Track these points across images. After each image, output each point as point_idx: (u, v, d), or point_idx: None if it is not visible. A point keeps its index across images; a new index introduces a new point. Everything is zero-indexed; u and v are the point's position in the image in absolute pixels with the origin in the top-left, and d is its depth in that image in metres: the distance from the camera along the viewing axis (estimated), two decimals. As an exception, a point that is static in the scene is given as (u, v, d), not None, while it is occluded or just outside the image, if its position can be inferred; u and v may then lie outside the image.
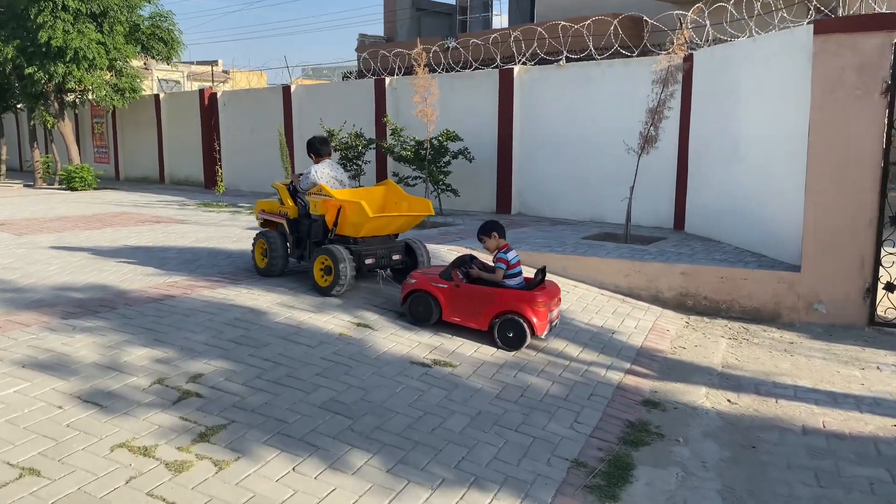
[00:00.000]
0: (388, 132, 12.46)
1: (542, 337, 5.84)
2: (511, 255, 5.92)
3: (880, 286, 7.14)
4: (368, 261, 6.51)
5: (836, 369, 6.09)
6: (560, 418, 4.70)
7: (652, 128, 9.20)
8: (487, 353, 5.65)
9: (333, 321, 5.86)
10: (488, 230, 6.02)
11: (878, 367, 6.14)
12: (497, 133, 12.19)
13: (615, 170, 10.92)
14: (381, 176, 13.53)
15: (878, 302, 7.14)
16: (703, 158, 9.92)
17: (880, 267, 7.10)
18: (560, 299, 6.12)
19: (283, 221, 7.00)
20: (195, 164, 18.72)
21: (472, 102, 12.54)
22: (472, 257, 6.25)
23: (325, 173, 6.84)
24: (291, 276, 7.02)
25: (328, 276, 6.37)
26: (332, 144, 12.07)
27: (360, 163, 12.46)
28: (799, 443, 4.68)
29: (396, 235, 7.01)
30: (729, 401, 5.36)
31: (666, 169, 10.56)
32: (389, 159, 13.43)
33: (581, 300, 7.52)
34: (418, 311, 6.03)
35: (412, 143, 11.79)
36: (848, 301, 7.24)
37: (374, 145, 12.69)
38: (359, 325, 5.87)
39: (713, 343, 6.79)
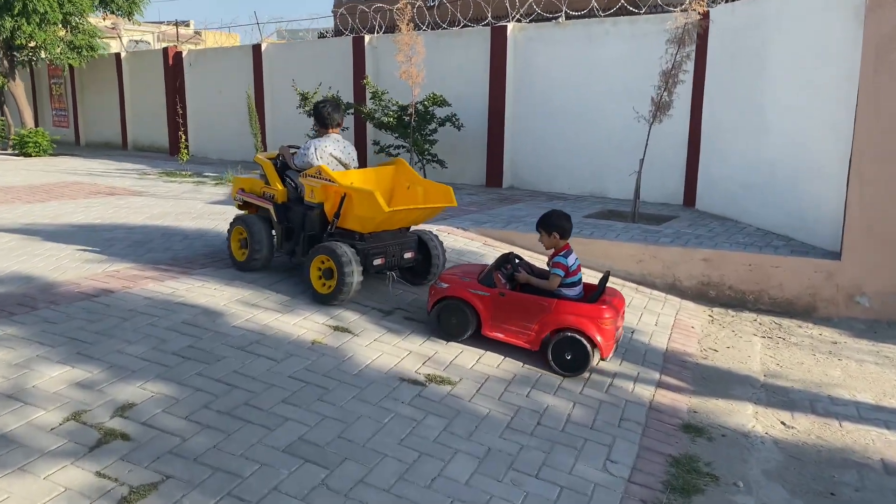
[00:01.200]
0: (368, 96, 11.33)
1: (607, 360, 4.84)
2: (572, 260, 4.84)
3: (933, 277, 6.25)
4: (377, 261, 5.26)
5: (893, 378, 5.21)
6: (589, 455, 3.75)
7: (665, 93, 8.20)
8: (492, 363, 4.68)
9: (305, 324, 4.84)
10: (549, 226, 4.85)
11: (943, 376, 5.28)
12: (488, 98, 11.10)
13: (620, 139, 9.92)
14: (360, 146, 12.39)
15: (930, 295, 6.26)
16: (720, 129, 8.93)
17: (935, 255, 6.20)
18: (624, 311, 5.06)
19: (270, 206, 5.67)
20: (160, 130, 17.40)
21: (460, 64, 11.41)
22: (517, 257, 5.18)
23: (326, 152, 5.54)
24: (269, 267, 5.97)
25: (328, 280, 5.11)
26: (306, 109, 10.91)
27: (337, 130, 11.32)
28: (885, 485, 3.78)
29: (408, 228, 5.71)
30: (784, 423, 4.46)
31: (676, 139, 9.57)
32: (369, 126, 12.29)
33: (592, 291, 6.55)
34: (450, 324, 4.92)
35: (395, 108, 10.68)
36: (888, 295, 6.35)
37: (352, 110, 11.54)
38: (336, 328, 4.85)
39: (747, 343, 5.88)
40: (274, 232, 5.69)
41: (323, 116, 5.62)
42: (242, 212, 6.05)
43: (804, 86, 7.26)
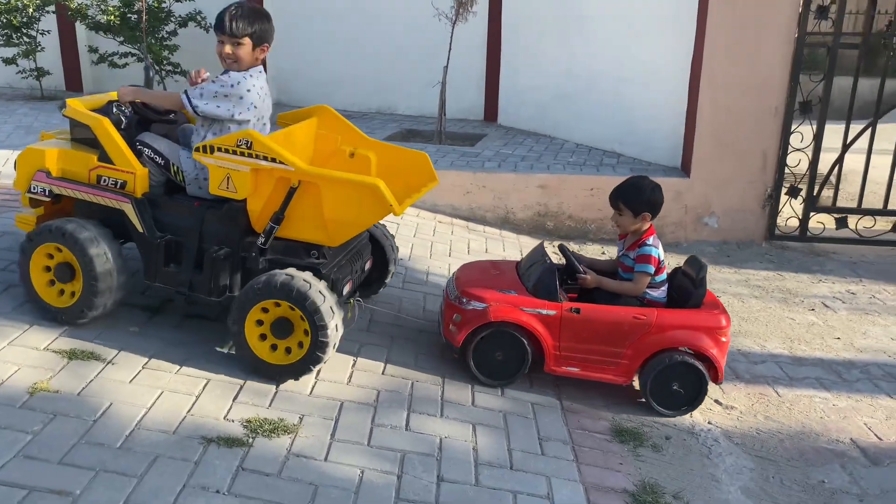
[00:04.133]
0: (75, -13, 8.48)
1: (719, 386, 3.49)
2: (661, 249, 3.36)
3: (784, 192, 5.74)
4: (345, 288, 3.20)
5: (784, 314, 4.55)
6: (530, 523, 2.43)
7: (470, -14, 6.82)
8: (338, 377, 3.11)
9: (15, 353, 2.85)
10: (639, 201, 3.32)
11: (825, 305, 4.73)
12: (240, -7, 8.86)
13: (409, 44, 8.38)
14: (69, 56, 9.47)
15: (779, 210, 5.76)
16: (525, 30, 7.76)
17: (785, 168, 5.67)
18: None
19: (123, 204, 3.10)
20: None
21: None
22: (564, 249, 3.51)
23: (250, 99, 3.07)
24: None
25: (281, 338, 2.98)
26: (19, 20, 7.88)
27: (32, 34, 8.39)
28: (880, 482, 2.94)
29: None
30: (719, 403, 3.49)
31: (473, 43, 8.25)
32: (80, 28, 9.38)
33: (421, 237, 5.15)
34: (497, 363, 3.29)
35: (116, 2, 8.08)
36: (745, 211, 5.77)
37: (52, 6, 8.62)
38: (71, 354, 2.92)
39: (614, 287, 4.90)
40: (140, 251, 3.16)
41: (256, 28, 3.06)
42: (46, 222, 3.16)
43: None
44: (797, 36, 5.38)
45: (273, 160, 2.88)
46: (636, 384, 3.37)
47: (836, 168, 5.73)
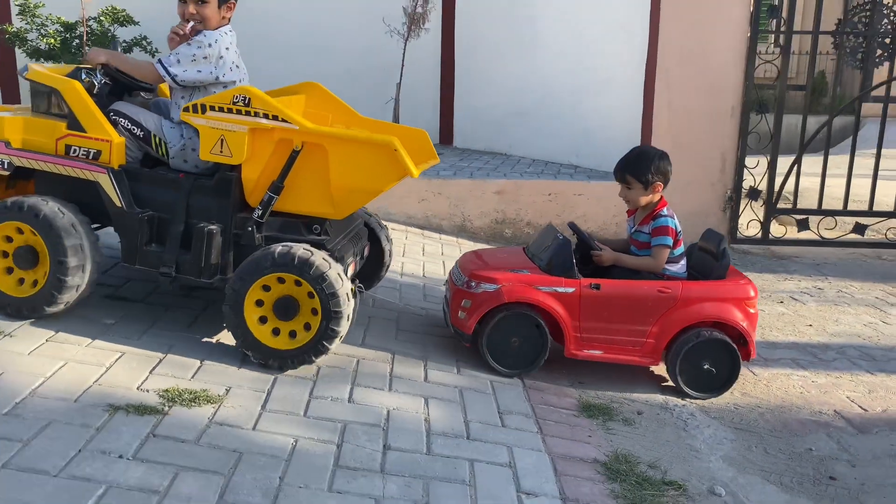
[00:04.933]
0: (14, 10, 8.22)
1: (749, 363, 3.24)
2: (676, 220, 3.15)
3: (744, 194, 5.63)
4: (349, 269, 2.89)
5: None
6: (488, 489, 2.12)
7: (421, 1, 6.77)
8: (250, 376, 2.78)
9: None
10: (651, 170, 3.15)
11: (793, 298, 4.56)
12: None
13: (363, 67, 8.25)
14: (8, 83, 9.14)
15: (740, 212, 5.64)
16: (478, 49, 7.68)
17: (744, 169, 5.57)
18: None
19: (98, 175, 2.71)
20: None
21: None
22: (576, 226, 3.31)
23: (229, 58, 2.84)
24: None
25: (283, 319, 2.63)
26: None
27: (-31, 60, 8.07)
28: (872, 449, 2.70)
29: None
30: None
31: (427, 65, 8.15)
32: (19, 54, 9.08)
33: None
34: (514, 347, 3.00)
35: (56, 26, 7.82)
36: (706, 214, 5.63)
37: (-9, 34, 8.33)
38: (-35, 327, 2.56)
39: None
40: (117, 230, 2.78)
41: None
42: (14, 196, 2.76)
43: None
44: (749, 35, 5.35)
45: (275, 118, 2.59)
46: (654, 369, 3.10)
47: (795, 168, 5.65)
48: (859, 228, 5.55)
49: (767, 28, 5.45)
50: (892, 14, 5.32)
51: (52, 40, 7.80)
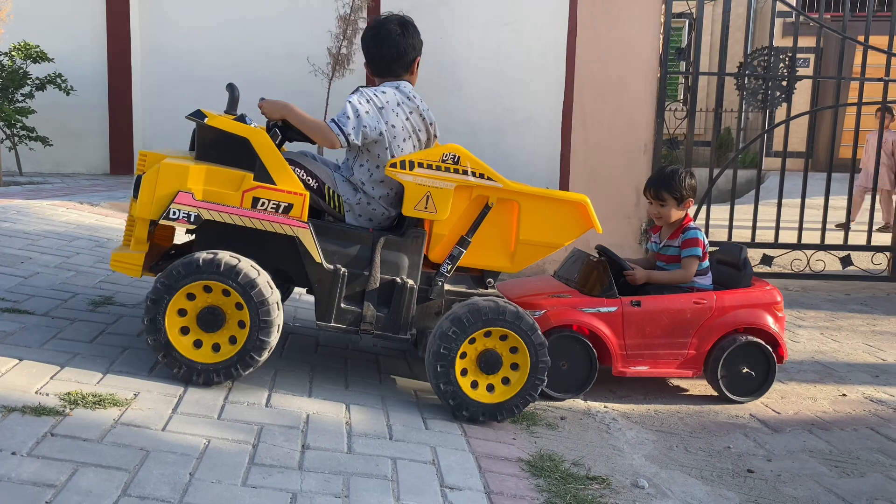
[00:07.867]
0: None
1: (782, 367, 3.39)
2: (703, 233, 3.24)
3: (659, 226, 5.83)
4: None
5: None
6: (412, 485, 2.07)
7: (346, 42, 6.88)
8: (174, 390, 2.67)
9: None
10: (681, 188, 3.23)
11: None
12: (107, 59, 8.52)
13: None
14: None
15: (656, 245, 5.83)
16: (402, 93, 7.85)
17: (658, 202, 5.78)
18: None
19: (301, 230, 2.54)
20: None
21: (63, 11, 8.62)
22: (605, 249, 3.33)
23: (403, 114, 2.78)
24: None
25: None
26: None
27: None
28: (786, 446, 2.77)
29: None
30: (617, 396, 3.27)
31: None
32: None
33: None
34: (563, 373, 3.02)
35: (-36, 62, 7.55)
36: (624, 247, 5.78)
37: None
38: None
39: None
40: (312, 287, 2.64)
41: (382, 52, 2.87)
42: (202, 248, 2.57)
43: (501, 27, 6.50)
44: (659, 75, 5.64)
45: (481, 176, 2.62)
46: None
47: (705, 205, 5.89)
48: (766, 260, 5.82)
49: (677, 69, 5.75)
50: (786, 59, 5.71)
51: (-42, 75, 7.53)
